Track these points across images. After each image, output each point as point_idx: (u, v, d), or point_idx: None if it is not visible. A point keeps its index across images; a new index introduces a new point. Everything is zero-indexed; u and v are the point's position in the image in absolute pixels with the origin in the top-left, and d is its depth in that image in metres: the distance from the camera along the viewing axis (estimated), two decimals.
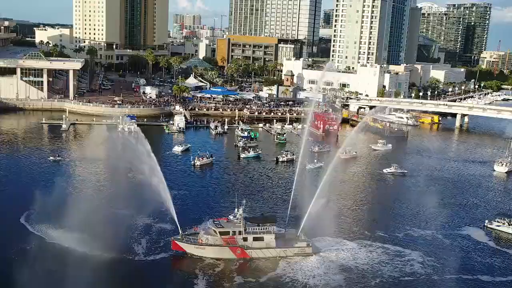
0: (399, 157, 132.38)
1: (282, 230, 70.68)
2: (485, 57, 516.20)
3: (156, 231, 71.45)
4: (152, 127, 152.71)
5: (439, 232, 77.62)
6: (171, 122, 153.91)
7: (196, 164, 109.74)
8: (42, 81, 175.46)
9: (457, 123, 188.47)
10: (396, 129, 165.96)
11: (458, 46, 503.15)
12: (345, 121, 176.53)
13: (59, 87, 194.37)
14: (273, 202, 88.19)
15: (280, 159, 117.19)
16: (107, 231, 64.05)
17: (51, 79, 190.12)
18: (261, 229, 66.96)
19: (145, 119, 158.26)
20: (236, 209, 67.23)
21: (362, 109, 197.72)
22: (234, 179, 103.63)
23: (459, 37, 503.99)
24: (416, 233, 76.71)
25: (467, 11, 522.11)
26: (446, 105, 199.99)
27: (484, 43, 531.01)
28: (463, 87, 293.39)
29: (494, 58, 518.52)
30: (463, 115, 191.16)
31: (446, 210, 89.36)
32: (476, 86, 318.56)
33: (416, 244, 72.09)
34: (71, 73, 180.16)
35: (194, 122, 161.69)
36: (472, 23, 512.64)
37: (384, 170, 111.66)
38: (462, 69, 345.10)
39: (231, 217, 67.47)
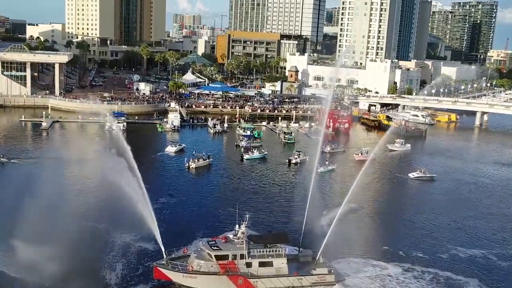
0: (420, 158, 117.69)
1: (295, 250, 55.45)
2: (492, 56, 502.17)
3: (135, 252, 56.15)
4: (144, 126, 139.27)
5: (490, 252, 62.33)
6: (165, 120, 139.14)
7: (190, 166, 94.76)
8: (25, 76, 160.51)
9: (477, 122, 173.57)
10: (413, 128, 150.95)
11: (464, 45, 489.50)
12: (354, 119, 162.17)
13: (46, 83, 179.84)
14: (284, 214, 72.27)
15: (293, 161, 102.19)
16: (70, 252, 50.05)
17: (36, 74, 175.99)
18: (270, 251, 51.65)
19: (136, 117, 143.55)
20: (237, 225, 51.97)
21: (373, 107, 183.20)
22: (236, 185, 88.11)
23: (465, 35, 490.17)
24: (463, 253, 61.37)
25: (472, 9, 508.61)
26: (466, 102, 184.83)
27: (490, 41, 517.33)
28: (475, 85, 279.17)
29: (502, 57, 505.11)
30: (483, 113, 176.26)
31: (490, 223, 74.40)
32: (488, 84, 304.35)
33: (468, 268, 56.82)
34: (57, 67, 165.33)
35: (191, 120, 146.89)
36: (478, 22, 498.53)
37: (410, 175, 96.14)
38: (473, 67, 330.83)
39: (230, 235, 52.11)
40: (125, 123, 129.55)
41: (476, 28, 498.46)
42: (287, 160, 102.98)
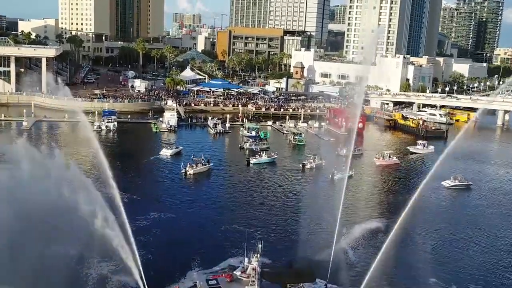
0: (447, 163, 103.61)
1: (320, 283, 42.37)
2: (499, 54, 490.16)
3: None
4: (137, 125, 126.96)
5: None
6: (160, 119, 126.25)
7: (188, 172, 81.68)
8: (9, 71, 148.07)
9: (499, 121, 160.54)
10: (433, 128, 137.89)
11: (470, 43, 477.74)
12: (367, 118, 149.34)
13: (33, 80, 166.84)
14: (305, 235, 56.02)
15: (308, 166, 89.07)
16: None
17: (23, 70, 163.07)
18: None
19: (129, 116, 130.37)
20: (245, 258, 38.81)
21: (385, 105, 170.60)
22: (242, 195, 74.17)
23: (471, 33, 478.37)
24: None
25: (478, 7, 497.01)
26: (487, 100, 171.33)
27: (496, 39, 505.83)
28: (487, 83, 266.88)
29: (509, 55, 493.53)
30: (505, 112, 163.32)
31: None
32: (501, 83, 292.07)
33: None
34: (43, 62, 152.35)
35: (189, 120, 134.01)
36: (484, 19, 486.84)
37: (444, 183, 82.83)
38: (484, 64, 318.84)
39: (237, 272, 39.01)
40: (115, 123, 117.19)
41: (482, 25, 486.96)
42: (300, 165, 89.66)
